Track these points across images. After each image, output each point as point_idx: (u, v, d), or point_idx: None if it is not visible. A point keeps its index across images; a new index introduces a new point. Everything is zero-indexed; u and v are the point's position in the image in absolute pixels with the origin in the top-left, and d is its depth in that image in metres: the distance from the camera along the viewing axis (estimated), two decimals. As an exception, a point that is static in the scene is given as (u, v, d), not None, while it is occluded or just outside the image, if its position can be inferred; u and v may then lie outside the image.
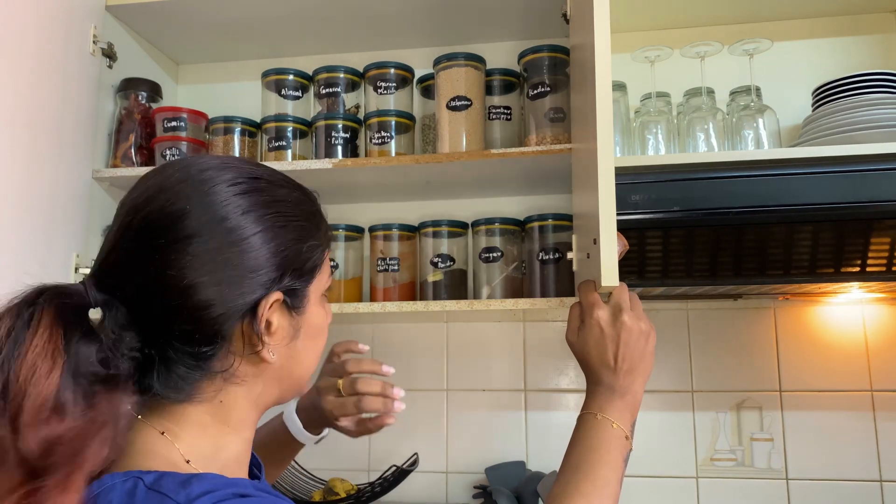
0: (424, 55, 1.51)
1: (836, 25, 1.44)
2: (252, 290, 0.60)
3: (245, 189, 0.62)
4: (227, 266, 0.59)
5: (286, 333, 0.64)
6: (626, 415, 0.82)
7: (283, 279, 0.62)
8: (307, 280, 0.65)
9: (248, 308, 0.60)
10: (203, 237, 0.58)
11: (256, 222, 0.61)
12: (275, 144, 1.37)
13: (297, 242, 0.64)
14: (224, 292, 0.58)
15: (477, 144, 1.30)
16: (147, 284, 0.58)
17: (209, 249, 0.58)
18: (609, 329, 0.83)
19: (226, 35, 1.53)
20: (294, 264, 0.63)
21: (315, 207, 0.69)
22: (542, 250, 1.29)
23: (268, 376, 0.64)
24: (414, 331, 1.54)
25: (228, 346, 0.60)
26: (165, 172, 0.62)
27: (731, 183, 1.06)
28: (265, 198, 0.63)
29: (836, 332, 1.41)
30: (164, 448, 0.59)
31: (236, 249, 0.59)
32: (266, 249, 0.61)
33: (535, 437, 1.47)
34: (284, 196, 0.65)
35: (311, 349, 0.68)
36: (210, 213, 0.59)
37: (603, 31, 0.85)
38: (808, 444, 1.38)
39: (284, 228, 0.63)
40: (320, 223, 0.68)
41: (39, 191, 1.20)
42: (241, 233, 0.60)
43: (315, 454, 1.51)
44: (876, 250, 1.07)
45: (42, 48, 1.21)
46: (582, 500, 0.75)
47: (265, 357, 0.62)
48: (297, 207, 0.66)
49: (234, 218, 0.60)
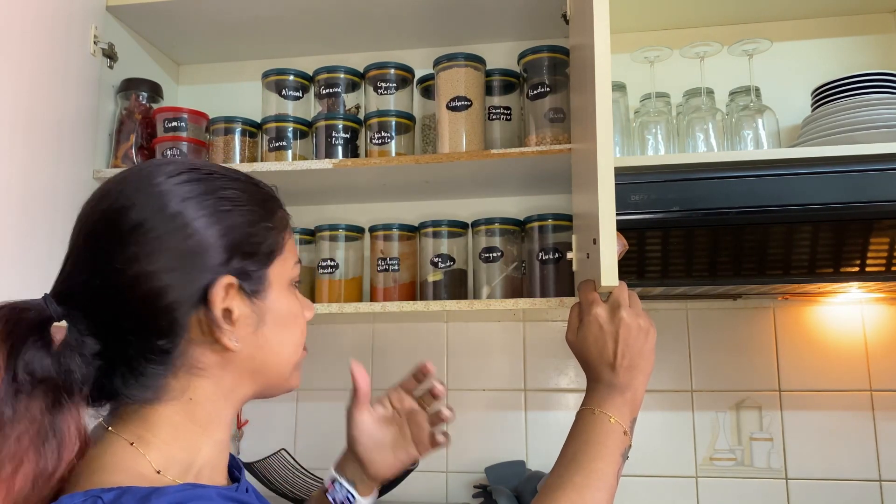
0: (424, 55, 1.52)
1: (836, 25, 1.44)
2: (201, 274, 0.59)
3: (185, 179, 0.61)
4: (173, 253, 0.58)
5: (249, 320, 0.62)
6: (624, 410, 0.82)
7: (231, 261, 0.61)
8: (263, 263, 0.64)
9: (201, 294, 0.59)
10: (146, 227, 0.58)
11: (198, 208, 0.60)
12: (275, 145, 1.37)
13: (246, 226, 0.63)
14: (173, 279, 0.58)
15: (477, 145, 1.30)
16: (98, 284, 0.58)
17: (153, 239, 0.58)
18: (608, 326, 0.83)
19: (226, 35, 1.53)
20: (244, 247, 0.62)
21: (267, 195, 0.68)
22: (541, 250, 1.29)
23: (236, 368, 0.63)
24: (414, 331, 1.55)
25: (187, 337, 0.59)
26: (111, 180, 0.63)
27: (730, 183, 1.06)
28: (207, 185, 0.62)
29: (836, 331, 1.41)
30: (133, 460, 0.57)
31: (180, 235, 0.59)
32: (210, 233, 0.60)
33: (534, 437, 1.47)
34: (228, 185, 0.64)
35: (283, 338, 0.66)
36: (151, 204, 0.59)
37: (603, 31, 0.85)
38: (808, 443, 1.39)
39: (230, 213, 0.62)
40: (275, 209, 0.67)
41: (39, 191, 1.20)
42: (182, 218, 0.59)
43: (315, 454, 1.52)
44: (875, 250, 1.07)
45: (42, 48, 1.21)
46: (574, 492, 0.74)
47: (227, 345, 0.60)
48: (244, 194, 0.65)
49: (174, 205, 0.59)
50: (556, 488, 0.75)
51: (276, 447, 1.47)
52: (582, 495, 0.74)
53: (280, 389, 0.68)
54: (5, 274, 1.12)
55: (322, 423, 1.54)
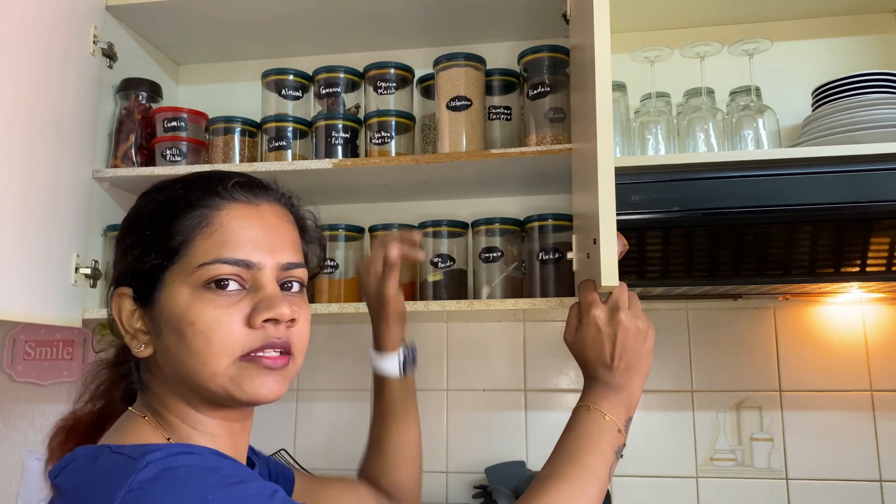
0: (424, 55, 1.51)
1: (836, 25, 1.44)
2: (113, 287, 0.70)
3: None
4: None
5: (140, 326, 0.68)
6: (620, 409, 0.82)
7: (121, 280, 0.69)
8: (156, 269, 0.66)
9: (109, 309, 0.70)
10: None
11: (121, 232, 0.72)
12: (275, 144, 1.37)
13: (132, 248, 0.68)
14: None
15: (477, 144, 1.30)
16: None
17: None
18: (606, 328, 0.84)
19: (226, 35, 1.53)
20: (126, 267, 0.69)
21: (184, 195, 0.68)
22: (541, 250, 1.29)
23: (161, 373, 0.68)
24: (414, 331, 1.54)
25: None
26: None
27: (730, 183, 1.06)
28: (132, 208, 0.72)
29: (836, 331, 1.41)
30: (144, 430, 0.66)
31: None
32: (116, 253, 0.72)
33: (534, 437, 1.47)
34: (142, 203, 0.71)
35: (179, 344, 0.64)
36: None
37: (603, 31, 0.85)
38: (808, 443, 1.38)
39: (121, 242, 0.70)
40: (186, 209, 0.67)
41: (39, 191, 1.20)
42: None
43: (315, 454, 1.52)
44: (876, 250, 1.07)
45: (42, 48, 1.21)
46: (564, 484, 0.75)
47: (136, 353, 0.68)
48: (143, 210, 0.70)
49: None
50: (546, 479, 0.76)
51: (276, 447, 1.47)
52: (572, 487, 0.75)
53: (206, 395, 0.66)
54: (5, 274, 1.12)
55: (322, 423, 1.54)
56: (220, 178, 0.69)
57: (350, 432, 1.52)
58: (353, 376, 1.54)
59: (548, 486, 0.75)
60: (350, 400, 1.54)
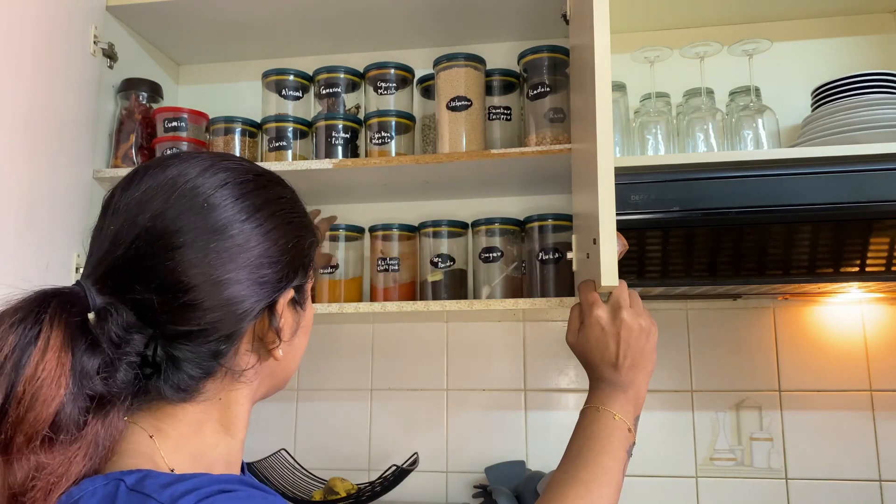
0: (424, 55, 1.52)
1: (835, 25, 1.44)
2: (272, 286, 0.61)
3: (251, 188, 0.62)
4: (247, 263, 0.59)
5: (291, 330, 0.64)
6: (628, 408, 0.82)
7: (295, 275, 0.63)
8: (308, 276, 0.67)
9: (267, 305, 0.61)
10: (223, 235, 0.58)
11: (269, 219, 0.61)
12: (275, 145, 1.37)
13: (301, 239, 0.65)
14: (247, 289, 0.59)
15: (477, 145, 1.30)
16: (166, 283, 0.56)
17: (229, 247, 0.58)
18: (609, 327, 0.84)
19: (226, 35, 1.53)
20: (301, 260, 0.64)
21: (304, 204, 0.69)
22: (541, 250, 1.29)
23: (265, 373, 0.65)
24: (414, 331, 1.55)
25: (238, 344, 0.60)
26: (164, 174, 0.61)
27: (730, 183, 1.06)
28: (270, 194, 0.63)
29: (836, 331, 1.41)
30: (150, 450, 0.57)
31: (255, 245, 0.60)
32: (278, 247, 0.61)
33: (534, 437, 1.47)
34: (282, 193, 0.65)
35: (304, 344, 0.69)
36: (228, 212, 0.59)
37: (603, 31, 0.85)
38: (808, 443, 1.39)
39: (290, 225, 0.63)
40: (311, 220, 0.69)
41: (39, 191, 1.20)
42: (260, 229, 0.60)
43: (315, 454, 1.52)
44: (875, 250, 1.07)
45: (42, 49, 1.21)
46: (581, 488, 0.75)
47: (276, 355, 0.62)
48: (295, 204, 0.67)
49: (246, 216, 0.60)
50: (563, 484, 0.76)
51: (276, 447, 1.47)
52: (589, 490, 0.75)
53: (279, 390, 0.70)
54: (5, 274, 1.12)
55: (322, 423, 1.54)
56: None
57: (350, 432, 1.52)
58: (353, 376, 1.54)
59: (566, 491, 0.75)
60: (350, 400, 1.54)
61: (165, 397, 0.58)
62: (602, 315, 0.84)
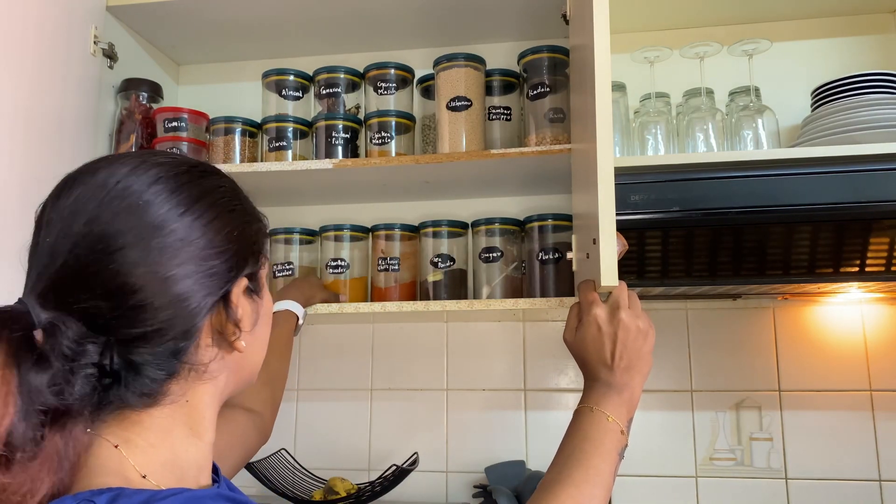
0: (424, 55, 1.52)
1: (835, 25, 1.44)
2: (222, 277, 0.59)
3: (186, 180, 0.60)
4: (192, 256, 0.57)
5: (251, 320, 0.63)
6: (622, 410, 0.82)
7: (246, 264, 0.62)
8: (260, 264, 0.65)
9: (221, 297, 0.59)
10: (163, 230, 0.57)
11: (209, 210, 0.60)
12: (275, 145, 1.37)
13: (247, 226, 0.63)
14: (197, 283, 0.57)
15: (477, 145, 1.30)
16: (112, 288, 0.54)
17: (171, 242, 0.56)
18: (606, 327, 0.84)
19: (226, 35, 1.53)
20: (250, 248, 0.63)
21: (245, 192, 0.67)
22: (541, 250, 1.29)
23: (230, 368, 0.63)
24: (414, 330, 1.55)
25: (197, 341, 0.59)
26: (94, 178, 0.60)
27: (730, 183, 1.06)
28: (206, 185, 0.62)
29: (835, 331, 1.41)
30: (118, 463, 0.55)
31: (197, 237, 0.58)
32: (222, 236, 0.60)
33: (534, 437, 1.47)
34: (220, 182, 0.64)
35: (266, 333, 0.67)
36: (165, 207, 0.58)
37: (603, 31, 0.85)
38: (808, 443, 1.39)
39: (233, 213, 0.62)
40: (254, 207, 0.67)
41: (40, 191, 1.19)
42: (200, 220, 0.59)
43: (315, 454, 1.52)
44: (875, 250, 1.07)
45: (43, 49, 1.21)
46: (573, 488, 0.75)
47: (238, 347, 0.61)
48: (236, 192, 0.65)
49: (184, 208, 0.58)
50: (554, 484, 0.76)
51: (276, 447, 1.47)
52: (581, 491, 0.75)
53: (248, 385, 0.68)
54: (5, 274, 1.12)
55: (322, 423, 1.54)
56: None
57: (350, 432, 1.52)
58: (353, 376, 1.54)
59: (557, 491, 0.75)
60: (350, 400, 1.54)
61: (130, 405, 0.56)
62: (600, 314, 0.85)
